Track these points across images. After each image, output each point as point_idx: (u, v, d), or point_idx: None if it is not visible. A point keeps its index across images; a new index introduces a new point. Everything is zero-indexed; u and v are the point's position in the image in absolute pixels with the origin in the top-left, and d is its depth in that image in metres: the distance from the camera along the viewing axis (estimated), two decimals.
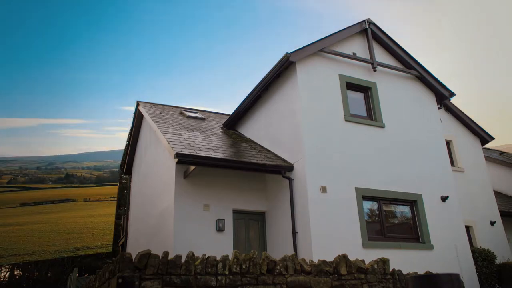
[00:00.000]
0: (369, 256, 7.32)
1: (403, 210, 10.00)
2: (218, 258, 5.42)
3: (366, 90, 10.82)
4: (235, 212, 9.80)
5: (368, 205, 9.57)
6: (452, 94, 11.72)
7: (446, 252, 9.63)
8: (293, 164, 9.48)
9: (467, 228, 11.80)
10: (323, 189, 8.97)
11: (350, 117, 10.11)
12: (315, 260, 6.51)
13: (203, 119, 13.60)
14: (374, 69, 10.89)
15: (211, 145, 9.91)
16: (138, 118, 14.72)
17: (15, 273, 25.96)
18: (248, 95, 11.54)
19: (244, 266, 5.46)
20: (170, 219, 9.28)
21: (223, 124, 13.20)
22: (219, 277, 5.27)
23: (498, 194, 15.11)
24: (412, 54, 11.46)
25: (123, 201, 26.27)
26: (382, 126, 10.40)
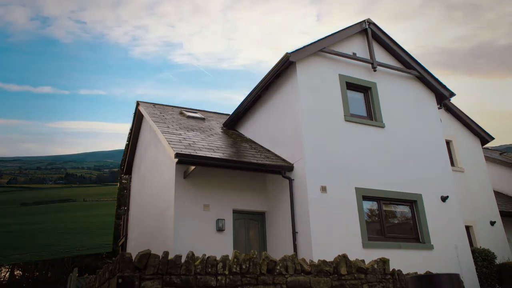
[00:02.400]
0: (369, 256, 7.32)
1: (403, 210, 10.00)
2: (218, 258, 5.42)
3: (366, 90, 10.82)
4: (235, 212, 9.79)
5: (368, 205, 9.57)
6: (452, 94, 11.72)
7: (446, 252, 9.63)
8: (293, 164, 9.48)
9: (467, 228, 11.80)
10: (323, 189, 8.97)
11: (350, 117, 10.11)
12: (315, 260, 6.51)
13: (203, 119, 13.60)
14: (374, 69, 10.89)
15: (211, 145, 9.91)
16: (138, 118, 14.71)
17: (15, 273, 25.92)
18: (248, 95, 11.54)
19: (244, 266, 5.46)
20: (170, 219, 9.28)
21: (223, 124, 13.19)
22: (219, 277, 5.27)
23: (498, 194, 15.11)
24: (412, 54, 11.49)
25: (123, 201, 26.26)
26: (382, 126, 10.40)
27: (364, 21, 11.24)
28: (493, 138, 14.77)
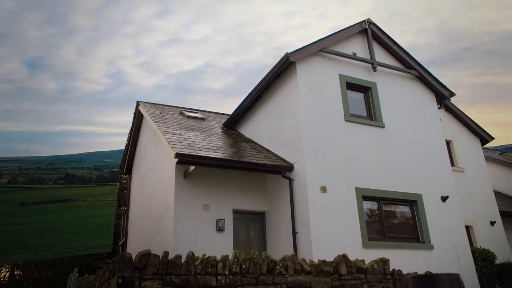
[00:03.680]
0: (369, 256, 7.32)
1: (403, 210, 10.00)
2: (218, 258, 5.42)
3: (366, 90, 10.82)
4: (235, 212, 9.79)
5: (368, 205, 9.57)
6: (452, 94, 11.71)
7: (446, 252, 9.63)
8: (293, 164, 9.48)
9: (467, 228, 11.80)
10: (323, 189, 8.97)
11: (350, 117, 10.11)
12: (315, 260, 6.51)
13: (203, 119, 13.60)
14: (374, 69, 10.89)
15: (211, 145, 9.91)
16: (138, 118, 14.72)
17: (15, 273, 25.91)
18: (248, 95, 11.54)
19: (244, 266, 5.46)
20: (170, 219, 9.28)
21: (223, 124, 13.19)
22: (219, 277, 5.27)
23: (498, 194, 15.11)
24: (412, 54, 11.49)
25: (123, 201, 26.25)
26: (382, 126, 10.40)
27: (364, 21, 11.24)
28: (493, 138, 14.77)
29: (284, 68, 10.15)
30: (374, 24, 11.30)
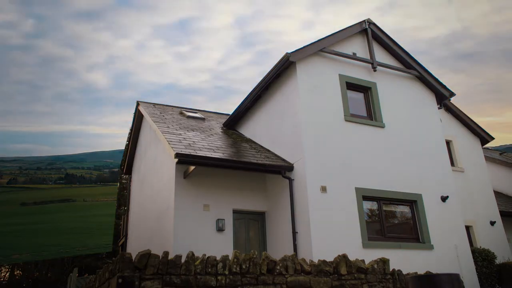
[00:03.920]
0: (369, 256, 7.32)
1: (403, 210, 10.00)
2: (218, 258, 5.42)
3: (366, 90, 10.82)
4: (235, 212, 9.79)
5: (368, 205, 9.57)
6: (452, 94, 11.72)
7: (446, 252, 9.63)
8: (293, 164, 9.48)
9: (467, 228, 11.79)
10: (323, 189, 8.97)
11: (350, 117, 10.11)
12: (315, 260, 6.51)
13: (203, 119, 13.60)
14: (374, 69, 10.89)
15: (211, 145, 9.91)
16: (138, 118, 14.71)
17: (15, 273, 25.91)
18: (248, 95, 11.54)
19: (244, 266, 5.46)
20: (170, 219, 9.28)
21: (223, 124, 13.19)
22: (219, 277, 5.27)
23: (498, 194, 15.11)
24: (412, 54, 11.49)
25: (123, 201, 26.25)
26: (382, 126, 10.40)
27: (364, 21, 11.24)
28: (493, 138, 14.77)
29: (284, 68, 10.15)
30: (374, 24, 11.30)
